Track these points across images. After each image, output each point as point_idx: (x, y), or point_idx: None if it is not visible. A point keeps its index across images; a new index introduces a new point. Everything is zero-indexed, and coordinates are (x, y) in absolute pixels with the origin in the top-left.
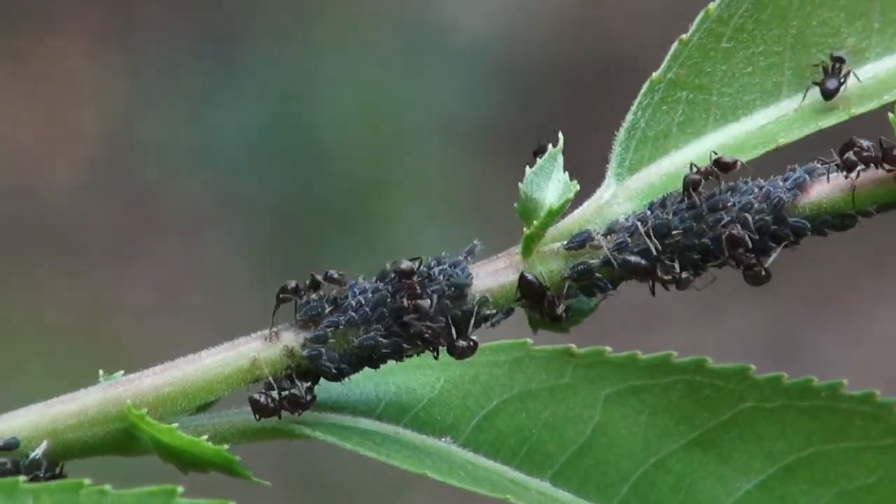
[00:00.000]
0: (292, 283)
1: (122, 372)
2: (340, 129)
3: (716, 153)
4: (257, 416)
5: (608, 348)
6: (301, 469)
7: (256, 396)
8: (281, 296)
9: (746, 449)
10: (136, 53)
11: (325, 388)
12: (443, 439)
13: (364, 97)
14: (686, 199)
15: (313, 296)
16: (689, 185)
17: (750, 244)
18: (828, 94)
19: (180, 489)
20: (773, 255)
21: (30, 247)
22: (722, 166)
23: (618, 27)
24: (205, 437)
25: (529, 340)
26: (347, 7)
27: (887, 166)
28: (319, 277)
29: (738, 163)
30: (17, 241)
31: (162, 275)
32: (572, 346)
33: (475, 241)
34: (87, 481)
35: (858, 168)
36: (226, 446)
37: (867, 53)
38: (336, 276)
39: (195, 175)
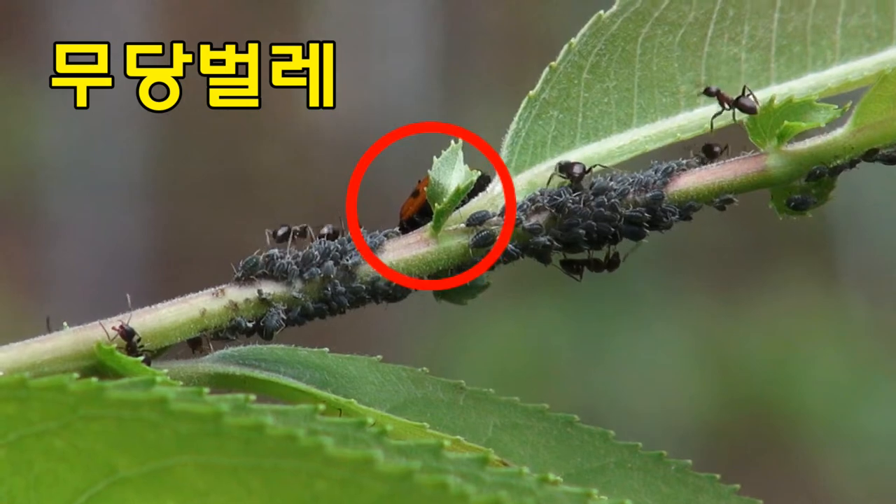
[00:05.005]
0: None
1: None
2: None
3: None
4: None
5: (492, 390)
6: None
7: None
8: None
9: (616, 494)
10: None
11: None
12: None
13: None
14: (570, 186)
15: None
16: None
17: (646, 223)
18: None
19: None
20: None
21: None
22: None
23: None
24: (164, 370)
25: (426, 369)
26: None
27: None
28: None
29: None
30: None
31: None
32: (462, 381)
33: (395, 229)
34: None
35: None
36: (206, 390)
37: (698, 101)
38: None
39: None
